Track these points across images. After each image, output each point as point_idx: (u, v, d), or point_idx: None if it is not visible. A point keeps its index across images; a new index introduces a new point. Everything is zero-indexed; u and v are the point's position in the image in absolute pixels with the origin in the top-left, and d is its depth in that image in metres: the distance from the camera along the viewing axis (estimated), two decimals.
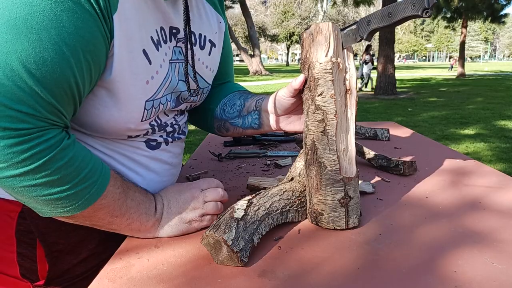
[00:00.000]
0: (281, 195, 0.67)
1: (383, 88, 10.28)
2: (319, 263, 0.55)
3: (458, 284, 0.49)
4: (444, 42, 74.39)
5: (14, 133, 0.45)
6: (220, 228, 0.56)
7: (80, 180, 0.52)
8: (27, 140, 0.46)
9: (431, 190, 0.84)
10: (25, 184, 0.48)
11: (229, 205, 0.63)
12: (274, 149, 1.26)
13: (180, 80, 0.69)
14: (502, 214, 0.70)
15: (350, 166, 0.65)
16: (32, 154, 0.47)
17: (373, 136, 1.35)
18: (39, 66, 0.45)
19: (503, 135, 5.03)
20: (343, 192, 0.64)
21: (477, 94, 10.08)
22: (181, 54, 0.68)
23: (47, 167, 0.48)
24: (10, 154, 0.46)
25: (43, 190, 0.50)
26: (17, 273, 0.65)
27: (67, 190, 0.51)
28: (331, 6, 33.55)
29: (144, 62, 0.59)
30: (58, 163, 0.49)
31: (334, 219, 0.65)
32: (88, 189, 0.54)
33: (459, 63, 18.17)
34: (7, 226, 0.64)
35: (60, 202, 0.52)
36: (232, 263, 0.55)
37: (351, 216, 0.65)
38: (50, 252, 0.65)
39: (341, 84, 0.65)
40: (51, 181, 0.50)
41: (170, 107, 0.69)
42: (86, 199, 0.54)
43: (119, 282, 0.52)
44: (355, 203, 0.65)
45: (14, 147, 0.46)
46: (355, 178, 0.65)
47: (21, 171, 0.47)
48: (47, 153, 0.48)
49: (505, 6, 17.89)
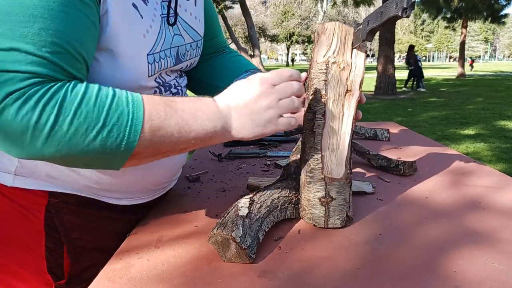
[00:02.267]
0: (280, 192, 0.68)
1: (383, 88, 10.27)
2: (319, 263, 0.55)
3: (458, 284, 0.49)
4: (444, 42, 74.37)
5: (15, 95, 0.43)
6: (227, 226, 0.56)
7: (109, 111, 0.48)
8: (30, 96, 0.44)
9: (431, 190, 0.84)
10: (61, 143, 0.46)
11: (229, 205, 0.63)
12: (274, 149, 1.26)
13: (176, 34, 0.69)
14: (502, 214, 0.70)
15: (338, 167, 0.64)
16: (42, 106, 0.44)
17: (373, 136, 1.35)
18: None
19: (503, 135, 5.03)
20: (324, 192, 0.64)
21: (477, 94, 10.07)
22: (164, 9, 0.67)
23: (65, 113, 0.45)
24: (24, 118, 0.43)
25: (81, 140, 0.46)
26: (44, 268, 0.65)
27: (104, 127, 0.47)
28: (331, 6, 33.55)
29: (136, 16, 0.59)
30: (73, 103, 0.46)
31: (314, 216, 0.66)
32: (125, 116, 0.48)
33: (459, 63, 18.17)
34: (36, 220, 0.64)
35: (110, 144, 0.48)
36: (240, 260, 0.55)
37: (332, 217, 0.65)
38: (73, 248, 0.66)
39: (339, 84, 0.64)
40: (82, 127, 0.46)
41: (171, 64, 0.70)
42: (130, 126, 0.48)
43: (119, 282, 0.52)
44: (339, 205, 0.65)
45: (22, 109, 0.43)
46: (340, 180, 0.64)
47: (46, 132, 0.45)
48: (55, 99, 0.45)
49: (505, 6, 17.89)
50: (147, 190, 0.73)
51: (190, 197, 0.85)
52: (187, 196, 0.86)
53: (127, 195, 0.70)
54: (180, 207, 0.79)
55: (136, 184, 0.68)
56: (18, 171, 0.61)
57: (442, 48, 76.07)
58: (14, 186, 0.62)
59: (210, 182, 0.95)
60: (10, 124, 0.44)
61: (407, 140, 1.34)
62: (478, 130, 5.43)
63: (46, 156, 0.47)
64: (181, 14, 0.71)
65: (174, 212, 0.76)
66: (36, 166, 0.61)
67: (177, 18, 0.69)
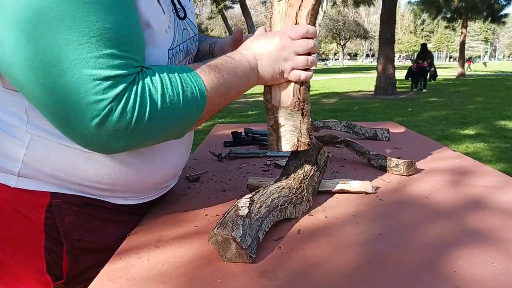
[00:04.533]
0: (279, 192, 0.68)
1: (383, 88, 10.27)
2: (319, 263, 0.55)
3: (458, 284, 0.49)
4: (444, 42, 74.35)
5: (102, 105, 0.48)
6: (227, 225, 0.56)
7: (183, 90, 0.55)
8: (127, 97, 0.49)
9: (431, 190, 0.84)
10: (156, 127, 0.53)
11: (229, 205, 0.63)
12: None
13: (184, 28, 0.70)
14: (502, 214, 0.70)
15: (286, 97, 0.70)
16: (139, 103, 0.50)
17: (373, 136, 1.35)
18: None
19: (503, 135, 5.02)
20: (273, 120, 0.71)
21: (477, 94, 10.07)
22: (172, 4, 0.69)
23: (155, 103, 0.52)
24: (127, 115, 0.49)
25: (170, 118, 0.54)
26: (43, 268, 0.65)
27: (183, 104, 0.55)
28: (331, 6, 33.53)
29: (160, 12, 0.60)
30: (157, 93, 0.52)
31: (271, 143, 0.74)
32: (194, 91, 0.56)
33: (459, 63, 18.17)
34: (36, 221, 0.63)
35: (188, 115, 0.57)
36: (240, 259, 0.55)
37: (282, 142, 0.71)
38: (72, 249, 0.65)
39: (288, 18, 0.68)
40: (168, 110, 0.53)
41: (182, 58, 0.71)
42: (200, 97, 0.57)
43: (119, 282, 0.52)
44: (287, 131, 0.71)
45: (125, 108, 0.49)
46: (287, 108, 0.70)
47: (145, 122, 0.51)
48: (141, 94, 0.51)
49: (505, 6, 17.90)
50: (150, 189, 0.73)
51: (190, 197, 0.85)
52: (187, 196, 0.86)
53: (130, 194, 0.70)
54: (180, 207, 0.79)
55: (139, 182, 0.68)
56: (21, 172, 0.61)
57: (442, 48, 76.06)
58: (17, 187, 0.62)
59: (210, 182, 0.95)
60: (118, 121, 0.49)
61: (407, 140, 1.34)
62: (478, 130, 5.43)
63: (145, 140, 0.55)
64: None
65: (174, 212, 0.76)
66: (40, 167, 0.61)
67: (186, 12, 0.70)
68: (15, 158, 0.61)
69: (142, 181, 0.69)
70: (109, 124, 0.49)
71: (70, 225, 0.64)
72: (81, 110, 0.48)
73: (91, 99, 0.47)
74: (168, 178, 0.75)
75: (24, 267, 0.66)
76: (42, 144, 0.60)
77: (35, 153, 0.60)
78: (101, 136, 0.50)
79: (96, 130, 0.49)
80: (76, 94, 0.47)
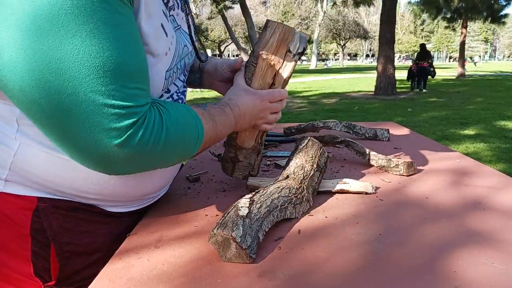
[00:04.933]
0: (279, 192, 0.68)
1: (383, 88, 10.27)
2: (319, 263, 0.55)
3: (458, 284, 0.49)
4: (444, 42, 74.34)
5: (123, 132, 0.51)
6: (227, 225, 0.56)
7: (188, 124, 0.61)
8: (147, 124, 0.53)
9: (431, 190, 0.84)
10: (168, 152, 0.58)
11: (229, 205, 0.63)
12: (274, 149, 1.26)
13: (185, 45, 0.72)
14: (502, 215, 0.70)
15: (249, 141, 0.83)
16: (157, 129, 0.55)
17: (373, 136, 1.35)
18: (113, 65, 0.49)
19: (503, 135, 5.02)
20: (234, 154, 0.84)
21: (477, 94, 10.07)
22: (175, 22, 0.69)
23: (169, 130, 0.57)
24: (146, 140, 0.53)
25: (178, 146, 0.60)
26: (30, 271, 0.65)
27: (188, 133, 0.61)
28: (331, 6, 33.54)
29: (162, 35, 0.61)
30: (172, 127, 0.57)
31: (226, 168, 0.88)
32: (195, 129, 0.62)
33: (459, 63, 18.17)
34: (21, 224, 0.63)
35: (188, 148, 0.62)
36: (240, 260, 0.55)
37: (236, 172, 0.87)
38: (62, 252, 0.65)
39: (265, 77, 0.77)
40: (179, 137, 0.59)
41: (177, 75, 0.71)
42: (198, 137, 0.63)
43: (119, 282, 0.52)
44: (243, 165, 0.85)
45: (145, 133, 0.53)
46: (248, 150, 0.83)
47: (160, 147, 0.56)
48: (160, 130, 0.55)
49: (505, 6, 17.89)
50: (138, 199, 0.73)
51: (190, 197, 0.85)
52: (187, 196, 0.86)
53: (118, 204, 0.70)
54: (180, 207, 0.79)
55: (127, 193, 0.68)
56: (8, 177, 0.61)
57: (442, 48, 76.07)
58: (4, 192, 0.62)
59: (210, 182, 0.95)
60: (137, 145, 0.53)
61: (407, 140, 1.34)
62: (478, 130, 5.43)
63: (149, 167, 0.60)
64: (181, 23, 0.72)
65: (174, 212, 0.76)
66: (27, 175, 0.60)
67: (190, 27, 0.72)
68: (2, 165, 0.60)
69: (130, 192, 0.68)
70: (128, 147, 0.52)
71: (59, 228, 0.64)
72: (100, 135, 0.50)
73: (112, 125, 0.50)
74: (156, 189, 0.75)
75: (12, 269, 0.66)
76: (31, 153, 0.59)
77: (23, 161, 0.59)
78: (117, 158, 0.52)
79: (113, 153, 0.52)
80: (97, 121, 0.49)
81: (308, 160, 0.78)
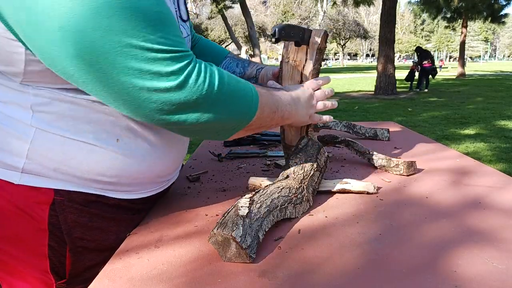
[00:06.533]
0: (279, 192, 0.68)
1: (383, 88, 10.27)
2: (319, 263, 0.55)
3: (458, 284, 0.49)
4: (444, 42, 74.29)
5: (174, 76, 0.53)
6: (227, 225, 0.56)
7: (242, 86, 0.62)
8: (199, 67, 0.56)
9: (431, 190, 0.84)
10: (220, 103, 0.59)
11: (229, 205, 0.63)
12: (274, 149, 1.26)
13: (185, 28, 0.73)
14: (502, 214, 0.70)
15: (295, 137, 0.88)
16: (209, 74, 0.57)
17: (373, 136, 1.35)
18: None
19: (503, 135, 5.02)
20: (287, 155, 0.90)
21: (477, 94, 10.07)
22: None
23: (222, 80, 0.58)
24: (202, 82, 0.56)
25: (230, 102, 0.60)
26: (47, 267, 0.65)
27: (243, 98, 0.62)
28: (331, 6, 33.52)
29: None
30: (224, 76, 0.59)
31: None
32: (249, 92, 0.64)
33: (459, 63, 18.16)
34: (38, 219, 0.63)
35: (243, 110, 0.63)
36: (240, 259, 0.55)
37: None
38: (75, 247, 0.65)
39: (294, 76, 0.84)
40: (232, 95, 0.60)
41: None
42: (253, 100, 0.64)
43: (119, 282, 0.52)
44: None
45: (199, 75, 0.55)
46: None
47: (215, 93, 0.57)
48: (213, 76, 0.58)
49: (505, 6, 17.89)
50: (153, 181, 0.73)
51: (190, 197, 0.85)
52: (187, 196, 0.86)
53: (134, 188, 0.70)
54: (180, 207, 0.79)
55: (143, 173, 0.68)
56: (25, 167, 0.61)
57: (442, 48, 76.03)
58: (21, 184, 0.62)
59: (210, 182, 0.95)
60: (195, 84, 0.55)
61: (407, 140, 1.34)
62: (478, 130, 5.43)
63: (210, 120, 0.59)
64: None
65: (174, 212, 0.76)
66: (44, 161, 0.61)
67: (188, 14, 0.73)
68: (19, 154, 0.60)
69: (145, 172, 0.69)
70: (186, 88, 0.54)
71: (73, 223, 0.64)
72: (161, 80, 0.52)
73: (169, 68, 0.52)
74: (169, 170, 0.75)
75: (26, 267, 0.66)
76: (47, 138, 0.60)
77: (40, 147, 0.60)
78: (176, 103, 0.54)
79: (174, 97, 0.54)
80: (155, 67, 0.52)
81: (308, 160, 0.78)
